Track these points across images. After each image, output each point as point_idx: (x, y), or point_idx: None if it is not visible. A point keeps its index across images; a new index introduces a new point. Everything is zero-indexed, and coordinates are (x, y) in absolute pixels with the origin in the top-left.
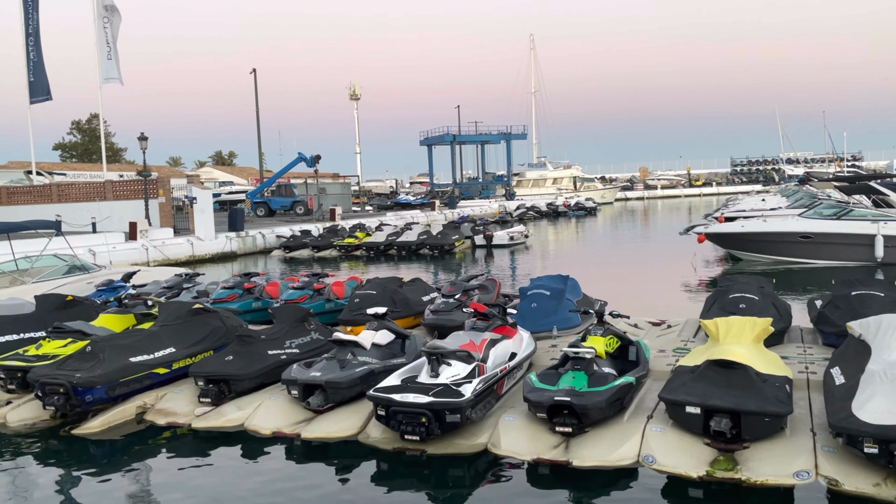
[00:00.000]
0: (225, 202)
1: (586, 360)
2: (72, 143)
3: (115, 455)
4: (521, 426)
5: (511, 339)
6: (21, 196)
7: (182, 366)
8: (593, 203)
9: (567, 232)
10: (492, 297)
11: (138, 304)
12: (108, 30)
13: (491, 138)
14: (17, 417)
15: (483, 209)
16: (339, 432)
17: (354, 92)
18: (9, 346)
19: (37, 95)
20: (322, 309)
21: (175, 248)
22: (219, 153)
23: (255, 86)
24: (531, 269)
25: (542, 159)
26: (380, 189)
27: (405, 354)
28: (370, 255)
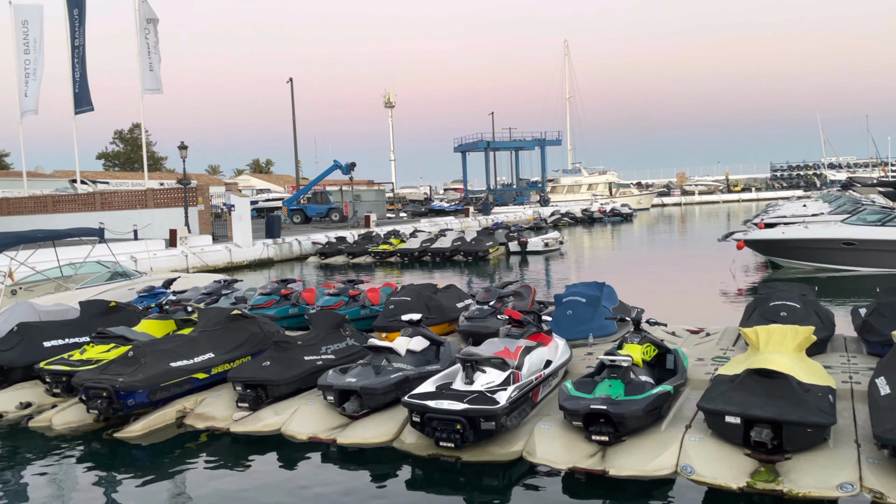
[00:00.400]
0: (262, 209)
1: (623, 369)
2: (114, 152)
3: (155, 458)
4: (557, 434)
5: (546, 346)
6: (66, 204)
7: (221, 371)
8: (629, 209)
9: (602, 238)
10: (526, 303)
11: (178, 309)
12: (149, 41)
13: (525, 144)
14: (62, 420)
15: (517, 215)
16: (374, 438)
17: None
18: (54, 351)
19: (81, 106)
20: (357, 315)
21: (214, 255)
22: (256, 161)
23: (292, 95)
24: (566, 275)
25: (577, 165)
26: (414, 196)
27: (440, 361)
28: (404, 261)
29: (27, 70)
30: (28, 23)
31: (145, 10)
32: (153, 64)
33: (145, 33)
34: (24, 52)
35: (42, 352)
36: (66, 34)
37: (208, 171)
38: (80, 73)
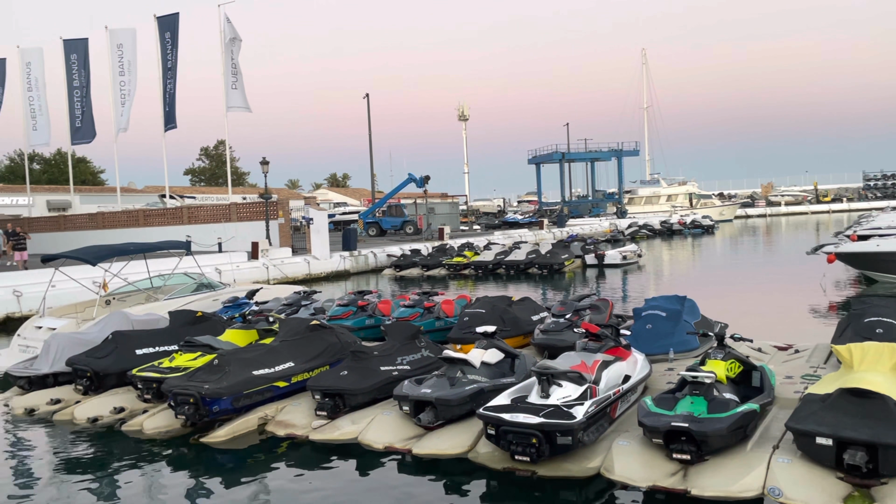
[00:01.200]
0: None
1: (706, 385)
2: (200, 168)
3: (238, 464)
4: (636, 451)
5: (625, 361)
6: (156, 218)
7: (300, 379)
8: (710, 221)
9: (682, 251)
10: (604, 317)
11: (260, 320)
12: (233, 60)
13: (601, 155)
14: (152, 425)
15: (593, 227)
16: (449, 449)
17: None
18: (146, 359)
19: (169, 124)
20: (432, 327)
21: (293, 267)
22: (333, 175)
23: (368, 110)
24: (644, 289)
25: (656, 176)
26: (488, 208)
27: (514, 374)
28: (479, 273)
29: (122, 91)
30: (123, 46)
31: (229, 31)
32: (237, 82)
33: (229, 52)
34: (119, 73)
35: (134, 359)
36: (158, 56)
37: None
38: (171, 93)
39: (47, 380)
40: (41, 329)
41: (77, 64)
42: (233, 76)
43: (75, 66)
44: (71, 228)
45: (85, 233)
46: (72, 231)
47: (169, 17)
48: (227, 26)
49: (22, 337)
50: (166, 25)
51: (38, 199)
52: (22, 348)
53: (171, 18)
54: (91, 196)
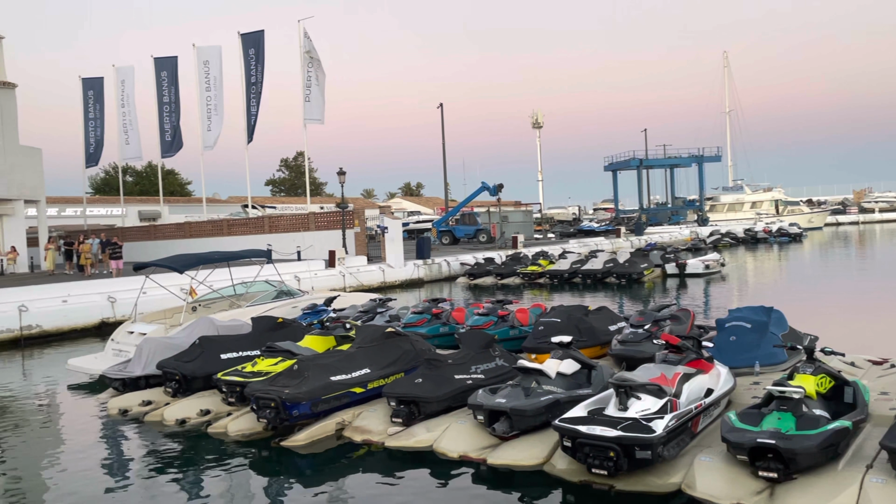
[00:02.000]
0: (413, 231)
1: (794, 401)
2: (280, 178)
3: (317, 468)
4: (719, 468)
5: (707, 373)
6: (239, 227)
7: (376, 386)
8: (798, 228)
9: (768, 260)
10: (685, 328)
11: (338, 326)
12: (310, 74)
13: (681, 161)
14: (235, 428)
15: (672, 236)
16: (524, 460)
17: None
18: (230, 363)
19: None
20: (506, 335)
21: (368, 275)
22: (407, 184)
23: (442, 120)
24: (728, 299)
25: (739, 182)
26: (562, 216)
27: (591, 385)
28: (554, 282)
29: (209, 106)
30: (209, 63)
31: (307, 45)
32: (311, 94)
33: (306, 66)
34: (205, 89)
35: (220, 363)
36: (242, 72)
37: (363, 195)
38: (256, 108)
39: (140, 382)
40: (133, 334)
41: (167, 81)
42: (308, 89)
43: (165, 82)
44: (160, 237)
45: (173, 241)
46: (161, 240)
47: (253, 34)
48: (305, 41)
49: (115, 341)
50: (250, 42)
51: (131, 209)
52: (115, 352)
53: (254, 36)
54: (179, 206)
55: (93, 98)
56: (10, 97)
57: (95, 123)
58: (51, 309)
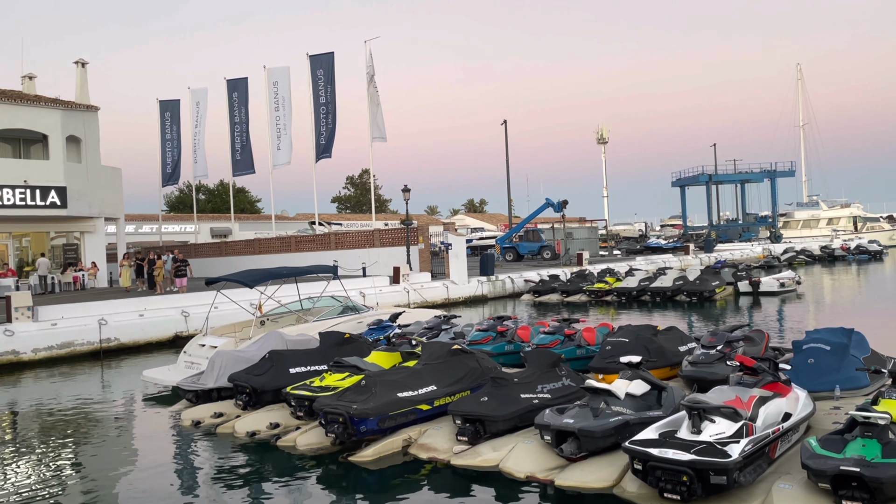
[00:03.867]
0: (476, 247)
1: (880, 427)
2: (346, 195)
3: (383, 485)
4: (800, 496)
5: (784, 397)
6: (306, 244)
7: (442, 403)
8: (878, 246)
9: (847, 279)
10: (759, 349)
11: (404, 342)
12: (375, 94)
13: (752, 176)
14: (304, 442)
15: (744, 253)
16: (593, 483)
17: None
18: (299, 377)
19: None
20: (573, 355)
21: (432, 292)
22: (471, 201)
23: (506, 137)
24: (803, 319)
25: (814, 198)
26: (628, 232)
27: (661, 407)
28: (621, 300)
29: (278, 125)
30: (278, 83)
31: (373, 68)
32: (379, 113)
33: (373, 85)
34: (274, 109)
35: (288, 377)
36: (309, 92)
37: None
38: (327, 126)
39: (212, 394)
40: (204, 347)
41: (237, 101)
42: (375, 107)
43: (236, 103)
44: (230, 253)
45: (243, 258)
46: (231, 256)
47: (322, 56)
48: (370, 61)
49: (188, 354)
50: (319, 63)
51: (203, 226)
52: (188, 364)
53: (324, 57)
54: (248, 223)
55: (169, 119)
56: (93, 119)
57: (172, 144)
58: (128, 322)
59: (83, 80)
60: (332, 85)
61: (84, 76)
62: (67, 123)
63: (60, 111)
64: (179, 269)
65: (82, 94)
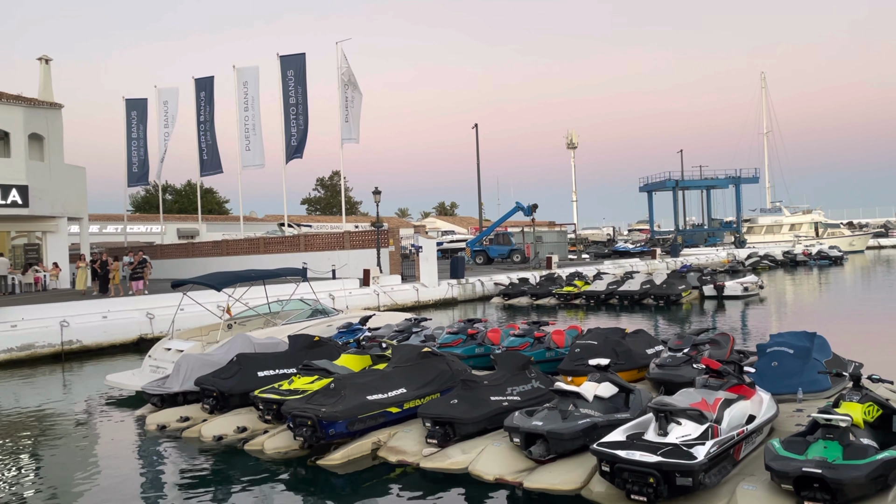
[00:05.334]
0: (447, 250)
1: (841, 429)
2: (316, 197)
3: (352, 488)
4: (763, 497)
5: (749, 399)
6: (275, 246)
7: (412, 406)
8: (839, 251)
9: (808, 283)
10: (725, 352)
11: (374, 345)
12: (347, 96)
13: (718, 182)
14: (272, 445)
15: (709, 257)
16: (561, 485)
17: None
18: (267, 381)
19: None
20: (542, 357)
21: (402, 294)
22: (441, 204)
23: (477, 140)
24: (767, 323)
25: (777, 204)
26: (596, 237)
27: (629, 409)
28: (590, 304)
29: (247, 126)
30: (248, 83)
31: (346, 69)
32: (351, 115)
33: (344, 87)
34: (244, 109)
35: (256, 381)
36: (280, 93)
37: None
38: (298, 127)
39: (177, 398)
40: (170, 350)
41: (205, 100)
42: (346, 110)
43: (203, 102)
44: (197, 255)
45: (210, 259)
46: (198, 257)
47: (292, 56)
48: (343, 62)
49: (153, 358)
50: (289, 64)
51: (170, 227)
52: (153, 368)
53: (294, 58)
54: (216, 224)
55: (136, 118)
56: (56, 118)
57: (139, 143)
58: (91, 324)
59: (47, 76)
60: (303, 86)
61: (48, 73)
62: (30, 121)
63: (23, 108)
64: (136, 272)
65: (46, 92)
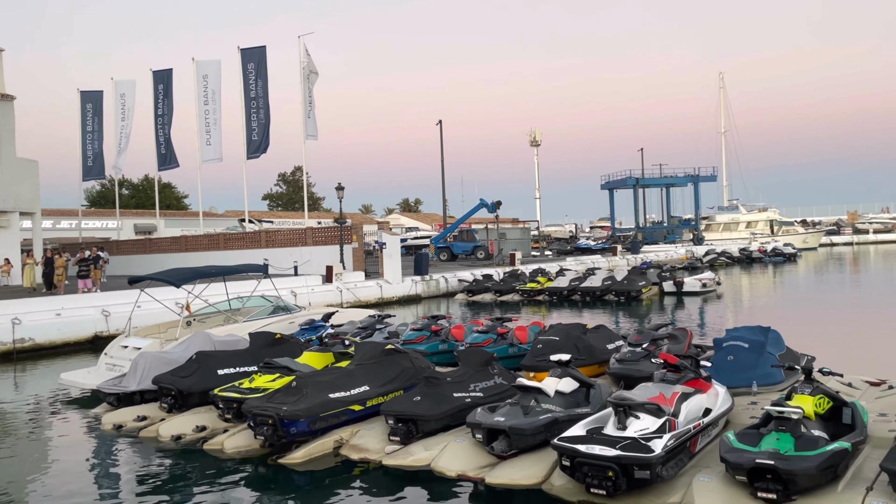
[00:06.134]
0: (411, 247)
1: (793, 421)
2: (278, 193)
3: (313, 487)
4: (718, 488)
5: (705, 393)
6: (236, 242)
7: (375, 403)
8: (793, 248)
9: (763, 280)
10: (682, 347)
11: (336, 343)
12: (310, 91)
13: (677, 181)
14: (232, 444)
15: (668, 254)
16: (522, 480)
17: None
18: (227, 379)
19: (255, 152)
20: (505, 353)
21: (366, 291)
22: (406, 200)
23: (441, 137)
24: (724, 319)
25: (734, 202)
26: (559, 234)
27: (590, 404)
28: (553, 300)
29: (207, 120)
30: (208, 77)
31: (308, 64)
32: (312, 111)
33: (308, 84)
34: (203, 102)
35: (216, 379)
36: (241, 86)
37: (361, 211)
38: (259, 121)
39: (135, 397)
40: (127, 348)
41: (163, 93)
42: (309, 106)
43: (161, 95)
44: (155, 251)
45: (168, 255)
46: (156, 253)
47: (253, 49)
48: (305, 57)
49: (109, 356)
50: (250, 57)
51: (126, 222)
52: (109, 366)
53: (255, 51)
54: (175, 220)
55: (91, 111)
56: (7, 109)
57: (94, 136)
58: (44, 322)
59: None
60: (263, 79)
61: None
62: None
63: None
64: (82, 270)
65: None
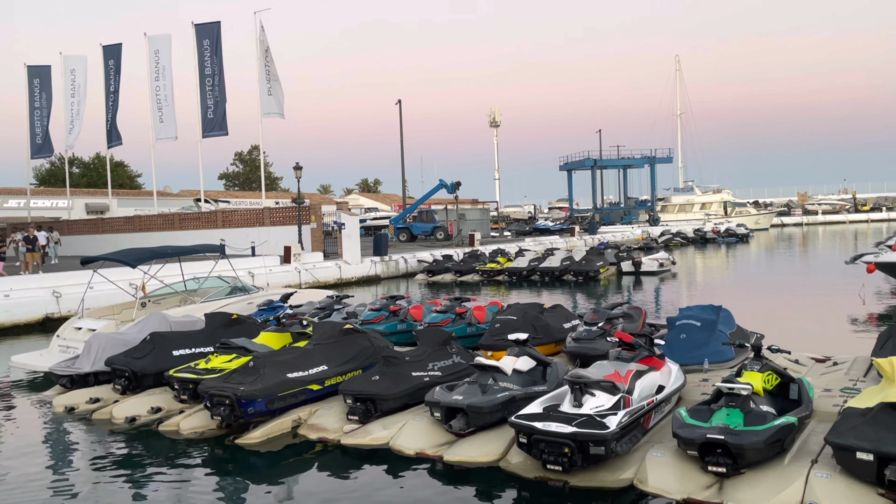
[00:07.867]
0: (370, 228)
1: (742, 397)
2: (234, 172)
3: (271, 466)
4: (670, 463)
5: (658, 371)
6: (191, 222)
7: (333, 383)
8: (745, 229)
9: (717, 260)
10: (637, 326)
11: (294, 323)
12: (268, 67)
13: (634, 162)
14: (188, 426)
15: (625, 235)
16: (480, 457)
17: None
18: (182, 360)
19: (211, 131)
20: (464, 333)
21: (324, 272)
22: (365, 181)
23: (400, 117)
24: (678, 298)
25: (689, 183)
26: (518, 214)
27: (546, 382)
28: (512, 280)
29: (159, 96)
30: (159, 52)
31: (265, 39)
32: (272, 88)
33: (265, 60)
34: (154, 79)
35: (171, 360)
36: (195, 63)
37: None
38: (215, 99)
39: (88, 379)
40: (80, 330)
41: (113, 69)
42: (268, 83)
43: (112, 71)
44: (108, 231)
45: (121, 235)
46: (109, 234)
47: (207, 25)
48: (262, 34)
49: (61, 338)
50: (204, 33)
51: (77, 202)
52: (62, 349)
53: (210, 27)
54: (128, 200)
55: (39, 86)
56: None
57: (42, 113)
58: None
59: None
60: (218, 56)
61: None
62: None
63: None
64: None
65: None
